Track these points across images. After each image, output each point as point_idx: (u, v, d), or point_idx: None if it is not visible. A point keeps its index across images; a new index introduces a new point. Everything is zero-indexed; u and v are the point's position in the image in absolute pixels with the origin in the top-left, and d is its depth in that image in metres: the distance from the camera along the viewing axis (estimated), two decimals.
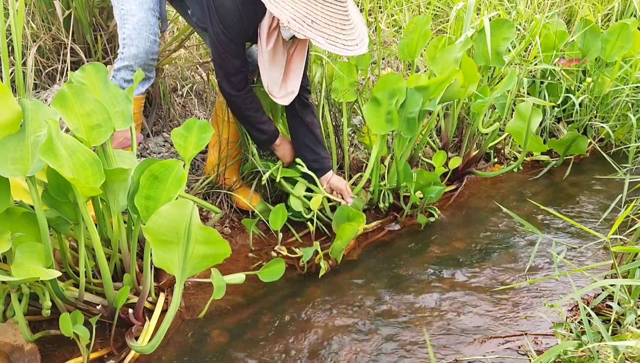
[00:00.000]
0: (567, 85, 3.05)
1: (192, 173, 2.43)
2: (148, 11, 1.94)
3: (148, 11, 1.94)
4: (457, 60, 2.30)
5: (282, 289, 1.92)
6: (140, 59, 1.94)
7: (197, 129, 1.79)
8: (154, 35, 1.95)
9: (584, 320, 1.30)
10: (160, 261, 1.36)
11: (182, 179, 1.47)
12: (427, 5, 3.54)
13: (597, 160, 2.94)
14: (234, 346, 1.65)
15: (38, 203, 1.35)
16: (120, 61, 1.96)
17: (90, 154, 1.37)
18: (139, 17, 1.92)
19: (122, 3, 1.92)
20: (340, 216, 2.10)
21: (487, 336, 1.70)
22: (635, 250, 1.49)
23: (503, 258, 2.14)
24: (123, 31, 1.94)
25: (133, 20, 1.92)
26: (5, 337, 1.50)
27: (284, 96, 1.97)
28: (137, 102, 2.02)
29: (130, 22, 1.92)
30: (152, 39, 1.94)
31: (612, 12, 3.61)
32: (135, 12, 1.92)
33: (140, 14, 1.92)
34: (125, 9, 1.92)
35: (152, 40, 1.95)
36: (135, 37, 1.92)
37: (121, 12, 1.92)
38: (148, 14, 1.94)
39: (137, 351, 1.52)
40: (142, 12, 1.92)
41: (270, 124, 2.09)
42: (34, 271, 1.30)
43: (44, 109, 1.39)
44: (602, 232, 1.49)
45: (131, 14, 1.91)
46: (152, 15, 1.95)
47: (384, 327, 1.75)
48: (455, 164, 2.50)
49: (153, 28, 1.95)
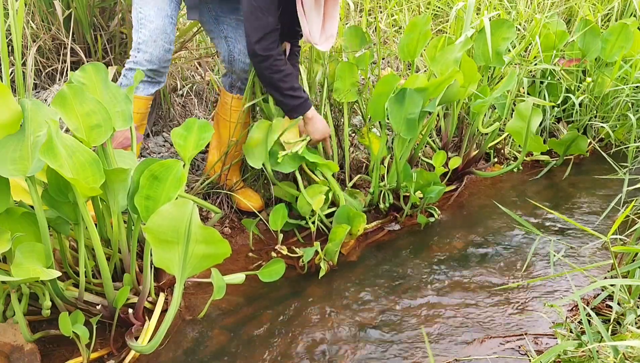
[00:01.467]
0: (567, 85, 3.05)
1: (192, 173, 2.43)
2: (166, 18, 1.94)
3: (166, 18, 1.94)
4: (456, 60, 2.30)
5: (282, 289, 1.92)
6: (153, 65, 1.95)
7: (197, 129, 1.79)
8: (169, 44, 1.96)
9: (583, 320, 1.30)
10: (160, 261, 1.36)
11: (182, 179, 1.47)
12: (427, 5, 3.54)
13: (597, 160, 2.93)
14: (233, 346, 1.65)
15: (38, 203, 1.35)
16: (132, 63, 1.96)
17: (90, 154, 1.37)
18: (157, 25, 1.92)
19: (142, 6, 1.92)
20: (340, 217, 2.10)
21: (487, 336, 1.70)
22: (635, 249, 1.49)
23: (503, 258, 2.14)
24: (139, 36, 1.94)
25: (151, 26, 1.92)
26: (5, 337, 1.50)
27: (324, 41, 2.00)
28: (145, 102, 2.02)
29: (148, 28, 1.92)
30: (166, 47, 1.96)
31: (612, 12, 3.61)
32: (154, 19, 1.92)
33: (158, 22, 1.92)
34: (144, 14, 1.92)
35: (167, 49, 1.96)
36: (151, 45, 1.93)
37: (139, 16, 1.92)
38: (165, 21, 1.94)
39: (137, 351, 1.52)
40: (160, 19, 1.93)
41: (302, 91, 2.06)
42: (33, 271, 1.30)
43: (43, 109, 1.39)
44: (602, 232, 1.49)
45: (149, 20, 1.92)
46: (169, 23, 1.96)
47: (384, 326, 1.75)
48: (455, 164, 2.50)
49: (169, 37, 1.96)
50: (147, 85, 2.00)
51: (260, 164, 2.03)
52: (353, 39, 2.48)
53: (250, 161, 2.03)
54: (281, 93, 2.02)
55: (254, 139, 2.00)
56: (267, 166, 2.05)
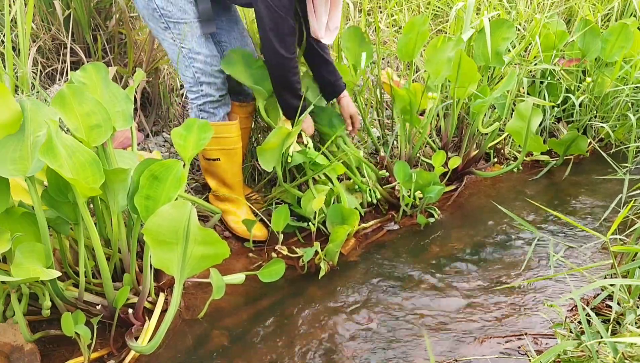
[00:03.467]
0: (567, 85, 3.04)
1: (192, 173, 2.43)
2: (206, 42, 1.97)
3: (206, 42, 1.97)
4: (450, 59, 2.30)
5: (282, 289, 1.92)
6: (222, 91, 2.04)
7: (197, 129, 1.79)
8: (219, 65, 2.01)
9: (583, 320, 1.30)
10: (159, 261, 1.36)
11: (182, 179, 1.47)
12: (426, 5, 3.54)
13: (597, 160, 2.93)
14: (233, 346, 1.65)
15: (38, 203, 1.35)
16: (202, 98, 2.02)
17: (89, 154, 1.37)
18: (205, 53, 1.96)
19: (182, 41, 1.92)
20: (334, 215, 2.10)
21: (487, 336, 1.70)
22: (635, 249, 1.49)
23: (503, 258, 2.14)
24: (194, 71, 1.97)
25: (200, 58, 1.95)
26: (5, 337, 1.50)
27: (329, 34, 2.04)
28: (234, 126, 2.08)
29: (199, 61, 1.96)
30: (219, 68, 2.00)
31: (612, 12, 3.60)
32: (199, 50, 1.94)
33: (204, 50, 1.96)
34: (187, 48, 1.93)
35: (221, 70, 2.01)
36: (209, 73, 1.98)
37: (183, 52, 1.93)
38: (209, 45, 1.98)
39: (136, 351, 1.52)
40: (204, 47, 1.96)
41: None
42: (33, 271, 1.30)
43: (43, 109, 1.39)
44: (602, 232, 1.49)
45: (195, 52, 1.94)
46: (211, 44, 2.00)
47: (384, 327, 1.75)
48: (454, 164, 2.50)
49: (218, 58, 2.01)
50: (220, 109, 2.07)
51: (271, 167, 2.06)
52: (352, 39, 2.48)
53: (263, 163, 2.05)
54: (294, 94, 2.06)
55: (271, 143, 2.01)
56: (279, 168, 2.08)
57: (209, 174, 2.15)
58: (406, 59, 2.55)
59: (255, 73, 2.09)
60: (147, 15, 1.91)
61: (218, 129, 2.00)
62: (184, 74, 1.99)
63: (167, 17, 1.88)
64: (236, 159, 2.14)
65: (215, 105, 2.04)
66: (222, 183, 2.15)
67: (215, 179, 2.15)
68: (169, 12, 1.87)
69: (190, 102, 2.05)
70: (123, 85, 2.48)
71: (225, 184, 2.15)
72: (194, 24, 1.92)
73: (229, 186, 2.15)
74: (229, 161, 2.11)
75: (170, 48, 1.95)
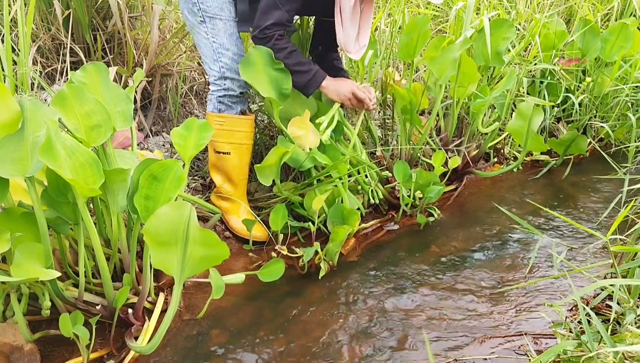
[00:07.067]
0: (566, 85, 3.05)
1: (192, 173, 2.43)
2: (237, 41, 2.05)
3: (237, 41, 2.05)
4: (455, 60, 2.30)
5: (282, 289, 1.92)
6: (244, 88, 2.08)
7: (197, 129, 1.79)
8: None
9: (583, 320, 1.30)
10: (158, 262, 1.36)
11: (182, 179, 1.47)
12: (427, 5, 3.54)
13: (596, 160, 2.93)
14: (233, 346, 1.65)
15: (37, 203, 1.35)
16: (223, 91, 2.06)
17: (89, 155, 1.37)
18: (234, 51, 2.02)
19: (214, 36, 2.00)
20: (334, 215, 2.10)
21: (487, 336, 1.70)
22: (635, 249, 1.49)
23: (502, 258, 2.14)
24: (221, 66, 2.03)
25: (228, 54, 2.02)
26: (5, 337, 1.50)
27: (357, 50, 2.10)
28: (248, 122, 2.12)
29: (227, 57, 2.02)
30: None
31: (612, 12, 3.61)
32: (229, 46, 2.02)
33: (234, 48, 2.02)
34: (218, 43, 2.01)
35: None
36: (235, 70, 2.02)
37: (214, 46, 2.01)
38: (238, 44, 2.05)
39: (136, 351, 1.52)
40: (234, 45, 2.03)
41: (311, 64, 2.08)
42: (33, 271, 1.30)
43: (43, 109, 1.39)
44: (602, 232, 1.49)
45: (225, 47, 2.01)
46: (240, 44, 2.06)
47: (384, 326, 1.75)
48: (454, 164, 2.50)
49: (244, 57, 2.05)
50: (237, 105, 2.11)
51: (270, 182, 2.07)
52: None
53: (262, 179, 2.05)
54: (292, 70, 2.04)
55: (269, 161, 2.01)
56: (277, 181, 2.09)
57: (216, 169, 2.15)
58: (407, 59, 2.55)
59: (274, 74, 2.03)
60: (187, 8, 2.01)
61: (232, 123, 2.07)
62: (210, 68, 2.05)
63: (205, 12, 1.98)
64: (245, 156, 2.15)
65: (234, 100, 2.08)
66: (228, 179, 2.15)
67: (222, 175, 2.15)
68: (207, 7, 1.97)
69: (210, 94, 2.09)
70: (123, 85, 2.48)
71: (230, 181, 2.15)
72: (229, 22, 2.01)
73: (234, 183, 2.15)
74: (238, 157, 2.12)
75: (202, 41, 2.03)
